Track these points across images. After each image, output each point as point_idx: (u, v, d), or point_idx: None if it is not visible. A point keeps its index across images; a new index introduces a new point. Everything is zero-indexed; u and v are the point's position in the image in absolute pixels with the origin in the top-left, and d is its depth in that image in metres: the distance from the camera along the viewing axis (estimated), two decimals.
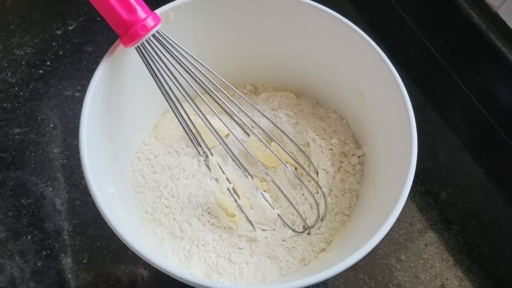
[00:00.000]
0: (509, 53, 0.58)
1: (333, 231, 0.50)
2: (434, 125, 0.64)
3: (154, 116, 0.56)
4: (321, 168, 0.53)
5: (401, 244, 0.55)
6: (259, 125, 0.47)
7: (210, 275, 0.46)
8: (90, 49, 0.67)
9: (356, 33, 0.47)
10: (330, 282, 0.53)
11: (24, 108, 0.62)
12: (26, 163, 0.58)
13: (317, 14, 0.48)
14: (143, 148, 0.54)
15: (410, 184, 0.39)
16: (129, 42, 0.40)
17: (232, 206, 0.49)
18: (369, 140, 0.53)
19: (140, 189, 0.51)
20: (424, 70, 0.69)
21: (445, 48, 0.68)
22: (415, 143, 0.41)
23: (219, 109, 0.52)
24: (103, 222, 0.37)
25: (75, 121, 0.61)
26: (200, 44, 0.52)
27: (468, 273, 0.54)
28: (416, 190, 0.59)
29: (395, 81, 0.44)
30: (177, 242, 0.48)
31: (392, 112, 0.46)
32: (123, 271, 0.52)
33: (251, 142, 0.53)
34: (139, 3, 0.40)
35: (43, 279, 0.51)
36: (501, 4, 0.60)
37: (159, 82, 0.43)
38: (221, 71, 0.46)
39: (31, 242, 0.53)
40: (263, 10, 0.50)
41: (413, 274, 0.53)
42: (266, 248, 0.48)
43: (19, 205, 0.55)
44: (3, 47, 0.67)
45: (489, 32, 0.59)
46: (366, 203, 0.49)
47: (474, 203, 0.58)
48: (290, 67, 0.57)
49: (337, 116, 0.57)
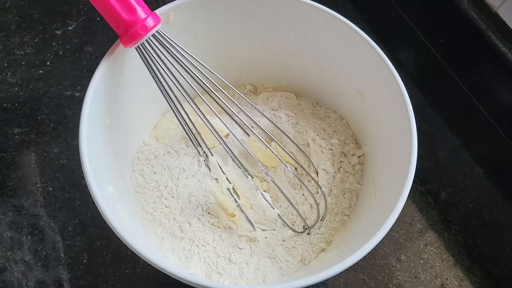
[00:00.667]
0: (509, 53, 0.58)
1: (333, 231, 0.50)
2: (434, 125, 0.64)
3: (154, 116, 0.56)
4: (321, 168, 0.53)
5: (401, 244, 0.55)
6: (259, 125, 0.47)
7: (210, 275, 0.46)
8: (90, 49, 0.67)
9: (356, 33, 0.47)
10: (330, 282, 0.53)
11: (24, 108, 0.62)
12: (26, 163, 0.58)
13: (317, 14, 0.48)
14: (143, 148, 0.54)
15: (410, 184, 0.39)
16: (129, 42, 0.40)
17: (232, 206, 0.49)
18: (369, 140, 0.53)
19: (140, 189, 0.51)
20: (424, 70, 0.69)
21: (445, 48, 0.68)
22: (415, 143, 0.41)
23: (219, 109, 0.52)
24: (103, 222, 0.37)
25: (75, 121, 0.61)
26: (200, 44, 0.52)
27: (468, 273, 0.54)
28: (416, 190, 0.59)
29: (395, 81, 0.44)
30: (177, 242, 0.48)
31: (392, 112, 0.46)
32: (123, 271, 0.52)
33: (251, 142, 0.53)
34: (139, 3, 0.40)
35: (43, 279, 0.51)
36: (501, 4, 0.60)
37: (159, 82, 0.43)
38: (221, 71, 0.46)
39: (31, 242, 0.53)
40: (263, 10, 0.50)
41: (413, 274, 0.53)
42: (266, 248, 0.48)
43: (19, 205, 0.55)
44: (3, 47, 0.67)
45: (489, 32, 0.59)
46: (366, 203, 0.49)
47: (474, 203, 0.58)
48: (290, 67, 0.57)
49: (337, 116, 0.57)
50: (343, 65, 0.52)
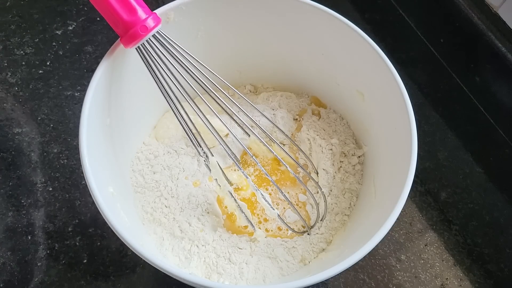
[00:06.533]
0: (509, 53, 0.58)
1: (333, 231, 0.50)
2: (434, 125, 0.64)
3: (154, 116, 0.56)
4: (321, 168, 0.53)
5: (401, 244, 0.55)
6: (258, 125, 0.47)
7: (210, 275, 0.46)
8: (90, 49, 0.67)
9: (356, 33, 0.47)
10: (330, 282, 0.53)
11: (24, 108, 0.62)
12: (26, 163, 0.58)
13: (317, 14, 0.48)
14: (143, 148, 0.54)
15: (410, 184, 0.39)
16: (130, 42, 0.40)
17: (232, 206, 0.49)
18: (369, 140, 0.53)
19: (140, 189, 0.51)
20: (424, 70, 0.69)
21: (445, 48, 0.68)
22: (415, 143, 0.41)
23: (219, 109, 0.52)
24: (103, 222, 0.37)
25: (75, 121, 0.61)
26: (200, 44, 0.52)
27: (468, 273, 0.54)
28: (416, 190, 0.59)
29: (395, 81, 0.44)
30: (177, 242, 0.48)
31: (392, 112, 0.46)
32: (123, 271, 0.52)
33: (251, 143, 0.53)
34: (139, 3, 0.40)
35: (43, 279, 0.51)
36: (501, 4, 0.60)
37: (159, 82, 0.43)
38: (221, 71, 0.46)
39: (31, 242, 0.53)
40: (263, 10, 0.50)
41: (413, 274, 0.53)
42: (266, 248, 0.48)
43: (19, 205, 0.55)
44: (3, 47, 0.67)
45: (489, 32, 0.59)
46: (366, 203, 0.49)
47: (474, 203, 0.58)
48: (290, 67, 0.57)
49: (337, 116, 0.57)
50: (343, 65, 0.52)
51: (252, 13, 0.51)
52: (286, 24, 0.51)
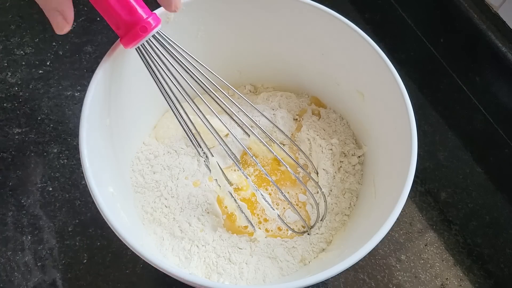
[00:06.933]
0: (509, 53, 0.58)
1: (333, 231, 0.50)
2: (434, 125, 0.64)
3: (154, 116, 0.56)
4: (321, 168, 0.53)
5: (401, 244, 0.55)
6: (258, 125, 0.47)
7: (210, 275, 0.46)
8: (90, 49, 0.67)
9: (356, 33, 0.47)
10: (330, 282, 0.53)
11: (24, 108, 0.62)
12: (26, 163, 0.58)
13: (317, 14, 0.48)
14: (143, 148, 0.54)
15: (410, 184, 0.39)
16: (130, 43, 0.40)
17: (232, 206, 0.49)
18: (369, 140, 0.53)
19: (140, 189, 0.51)
20: (424, 70, 0.69)
21: (445, 48, 0.68)
22: (415, 143, 0.41)
23: (218, 109, 0.52)
24: (103, 222, 0.37)
25: (75, 121, 0.61)
26: (200, 44, 0.52)
27: (468, 273, 0.54)
28: (416, 190, 0.59)
29: (395, 81, 0.44)
30: (177, 242, 0.48)
31: (392, 112, 0.46)
32: (123, 271, 0.52)
33: (251, 143, 0.53)
34: (139, 4, 0.40)
35: (43, 279, 0.51)
36: (501, 4, 0.60)
37: (159, 82, 0.43)
38: (221, 71, 0.46)
39: (31, 242, 0.53)
40: (263, 10, 0.50)
41: (413, 274, 0.53)
42: (266, 248, 0.48)
43: (19, 205, 0.55)
44: (3, 47, 0.67)
45: (489, 32, 0.59)
46: (366, 203, 0.49)
47: (474, 203, 0.58)
48: (290, 67, 0.57)
49: (337, 116, 0.57)
50: (343, 65, 0.52)
51: (252, 13, 0.51)
52: (286, 24, 0.51)
